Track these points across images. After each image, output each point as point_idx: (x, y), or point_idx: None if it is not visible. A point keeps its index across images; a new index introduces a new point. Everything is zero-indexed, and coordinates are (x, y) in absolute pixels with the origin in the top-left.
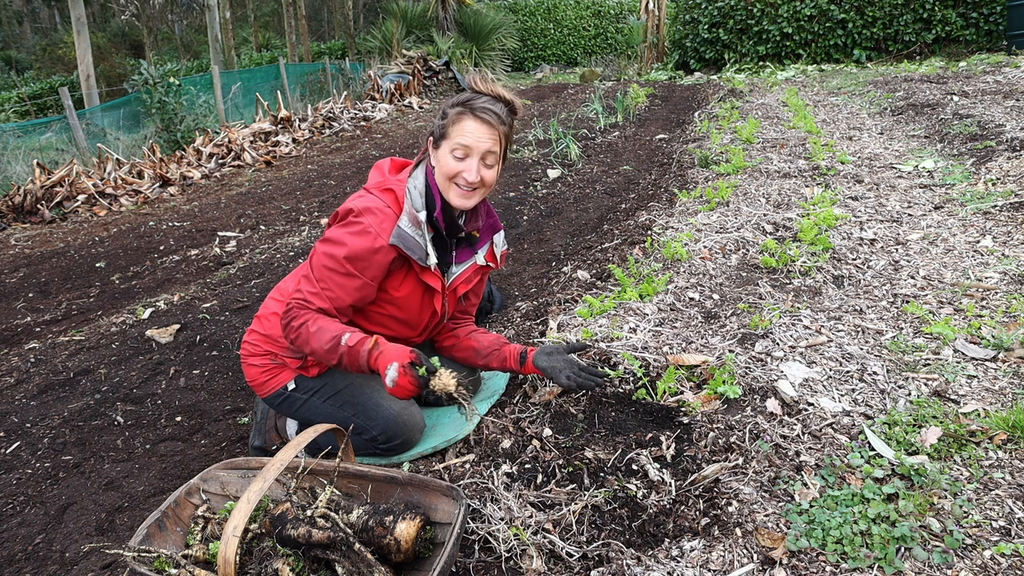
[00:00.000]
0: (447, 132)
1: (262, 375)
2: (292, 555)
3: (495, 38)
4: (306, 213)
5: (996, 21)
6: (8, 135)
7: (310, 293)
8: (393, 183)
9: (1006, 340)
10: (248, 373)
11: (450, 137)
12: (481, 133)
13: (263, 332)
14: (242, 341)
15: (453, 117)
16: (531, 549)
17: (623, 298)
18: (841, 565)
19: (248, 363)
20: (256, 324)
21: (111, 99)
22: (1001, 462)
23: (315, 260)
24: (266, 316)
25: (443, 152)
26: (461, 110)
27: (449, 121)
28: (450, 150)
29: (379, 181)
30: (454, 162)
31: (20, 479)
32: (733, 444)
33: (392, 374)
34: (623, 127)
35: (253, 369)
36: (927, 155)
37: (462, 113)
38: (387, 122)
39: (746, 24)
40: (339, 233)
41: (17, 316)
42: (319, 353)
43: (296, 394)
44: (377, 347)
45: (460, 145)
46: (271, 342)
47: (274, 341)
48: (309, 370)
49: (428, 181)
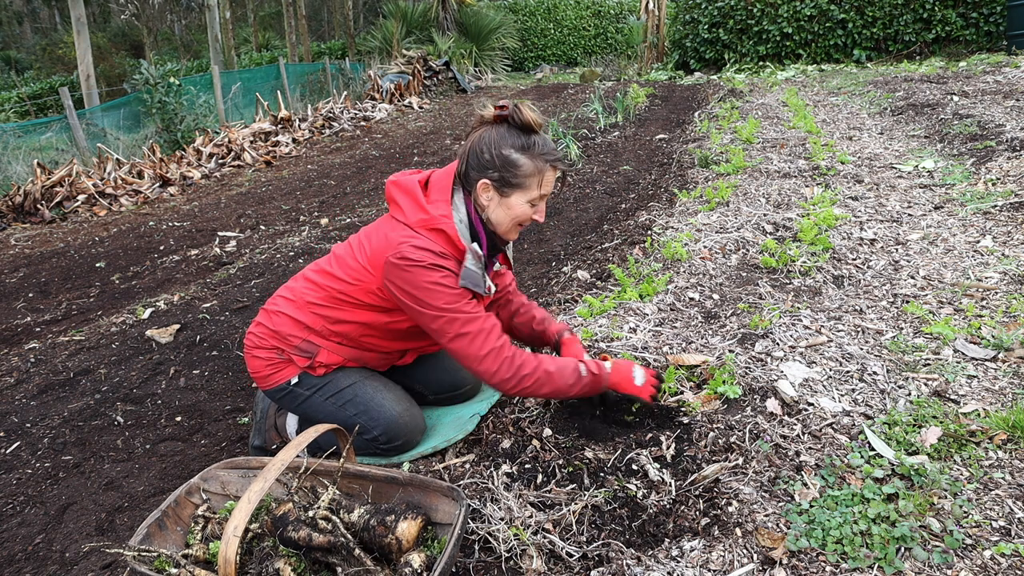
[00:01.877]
0: (524, 184)
1: (266, 368)
2: (294, 555)
3: (495, 38)
4: (306, 213)
5: (996, 21)
6: (8, 135)
7: (481, 342)
8: (441, 222)
9: (1006, 340)
10: (252, 365)
11: (527, 188)
12: (556, 181)
13: (271, 327)
14: (247, 332)
15: (532, 169)
16: (531, 549)
17: (623, 298)
18: (841, 565)
19: (253, 355)
20: (264, 318)
21: (111, 99)
22: (1001, 462)
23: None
24: (275, 312)
25: (515, 201)
26: (542, 164)
27: (526, 172)
28: (527, 200)
29: (423, 219)
30: (529, 209)
31: (20, 479)
32: (733, 444)
33: (641, 372)
34: (623, 127)
35: (257, 361)
36: (927, 155)
37: (543, 168)
38: (387, 122)
39: (746, 24)
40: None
41: (17, 316)
42: (560, 388)
43: (298, 390)
44: (608, 368)
45: (541, 196)
46: (279, 338)
47: (282, 338)
48: (316, 370)
49: (470, 216)
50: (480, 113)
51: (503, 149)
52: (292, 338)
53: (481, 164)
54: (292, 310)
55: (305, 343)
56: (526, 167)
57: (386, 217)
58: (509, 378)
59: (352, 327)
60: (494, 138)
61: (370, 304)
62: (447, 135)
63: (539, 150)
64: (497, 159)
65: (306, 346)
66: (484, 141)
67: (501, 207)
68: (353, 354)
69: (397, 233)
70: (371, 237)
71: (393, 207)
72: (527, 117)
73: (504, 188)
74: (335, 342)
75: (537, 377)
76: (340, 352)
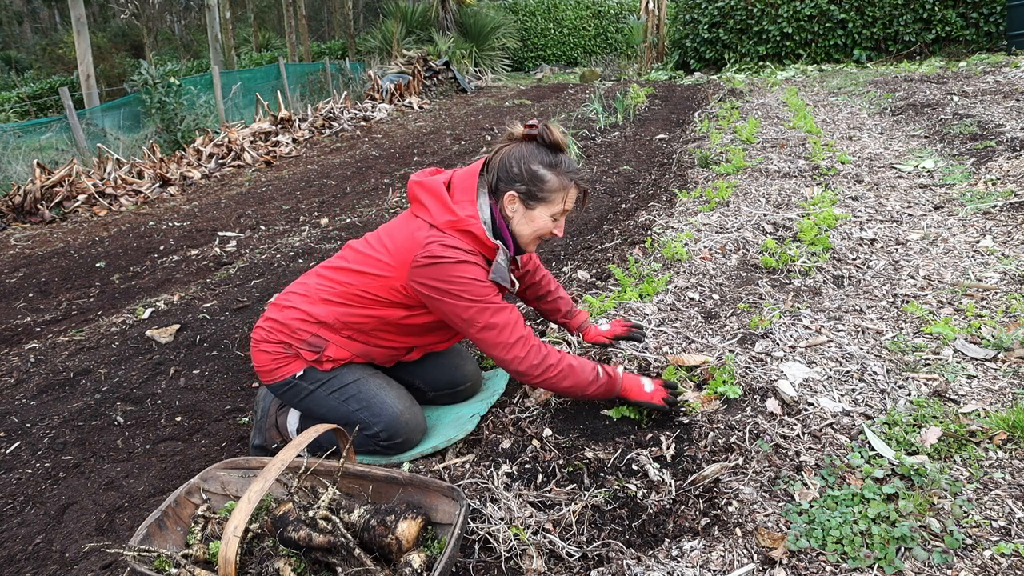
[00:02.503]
0: (549, 199)
1: (273, 362)
2: (294, 555)
3: (495, 38)
4: (306, 213)
5: (996, 21)
6: (8, 135)
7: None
8: (468, 223)
9: (1006, 340)
10: (257, 359)
11: (552, 203)
12: (578, 199)
13: (281, 320)
14: (255, 327)
15: (557, 185)
16: (531, 549)
17: (623, 298)
18: (841, 565)
19: (259, 348)
20: (274, 312)
21: (111, 99)
22: (1001, 462)
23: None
24: (287, 306)
25: (539, 215)
26: (567, 182)
27: (551, 188)
28: (550, 214)
29: (451, 220)
30: (551, 223)
31: (20, 479)
32: (733, 444)
33: (648, 381)
34: (623, 127)
35: (264, 355)
36: (927, 155)
37: (568, 185)
38: (387, 122)
39: (746, 24)
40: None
41: (17, 316)
42: (580, 384)
43: (302, 383)
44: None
45: (564, 211)
46: (288, 332)
47: (292, 332)
48: (323, 364)
49: (493, 213)
50: (510, 130)
51: (532, 164)
52: (302, 332)
53: (510, 177)
54: (305, 304)
55: (314, 337)
56: (552, 183)
57: (407, 215)
58: (536, 365)
59: (368, 321)
60: (524, 154)
61: (391, 301)
62: (447, 135)
63: (565, 168)
64: (526, 173)
65: (315, 340)
66: (514, 156)
67: (525, 219)
68: (362, 349)
69: (423, 233)
70: (393, 235)
71: (416, 206)
72: (555, 137)
73: (530, 201)
74: (346, 336)
75: (561, 369)
76: (349, 347)
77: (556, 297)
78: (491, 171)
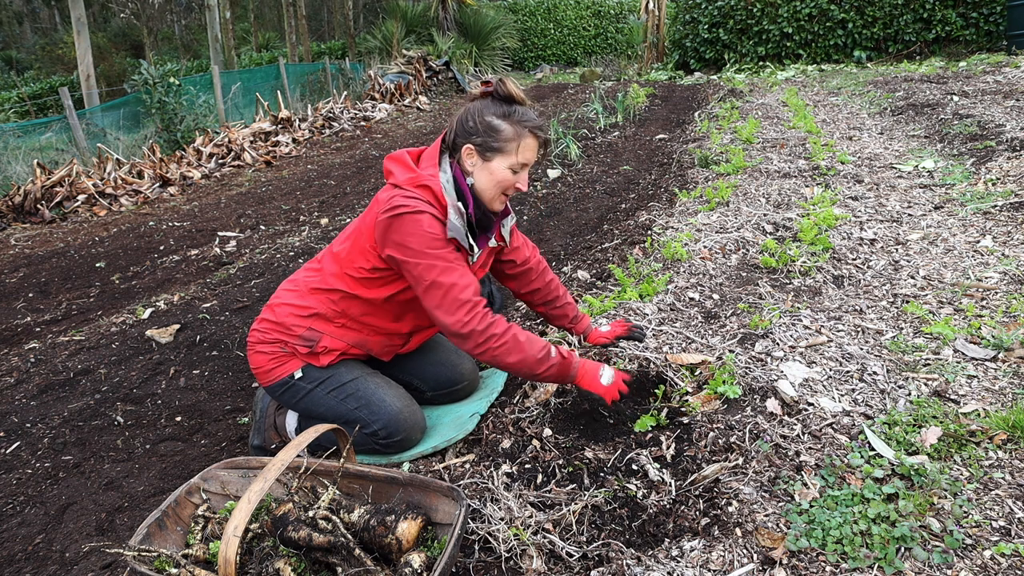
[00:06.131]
0: (504, 148)
1: (270, 362)
2: (294, 555)
3: (495, 38)
4: (306, 213)
5: (996, 21)
6: (8, 135)
7: (457, 291)
8: (427, 179)
9: (1006, 340)
10: (254, 361)
11: (508, 153)
12: (537, 149)
13: (275, 319)
14: (250, 330)
15: (511, 134)
16: (531, 549)
17: (623, 298)
18: (841, 565)
19: (256, 350)
20: (268, 313)
21: (111, 99)
22: (1001, 462)
23: (417, 271)
24: (279, 304)
25: (497, 166)
26: (520, 129)
27: (506, 137)
28: (508, 165)
29: (411, 177)
30: (511, 176)
31: (20, 479)
32: (733, 444)
33: (609, 372)
34: (623, 127)
35: (261, 356)
36: (927, 155)
37: (522, 132)
38: (387, 122)
39: (746, 24)
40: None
41: (17, 316)
42: (528, 361)
43: (301, 383)
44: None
45: (521, 163)
46: (283, 330)
47: (286, 329)
48: (319, 359)
49: (456, 177)
50: (471, 91)
51: (485, 116)
52: (296, 327)
53: (466, 131)
54: (295, 298)
55: (309, 331)
56: (506, 132)
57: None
58: (480, 332)
59: (353, 304)
60: (478, 107)
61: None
62: None
63: (519, 117)
64: (480, 125)
65: (309, 334)
66: (470, 111)
67: (484, 171)
68: (357, 338)
69: (387, 193)
70: (366, 212)
71: (387, 176)
72: (509, 89)
73: (486, 152)
74: (339, 326)
75: (505, 340)
76: (344, 337)
77: (565, 303)
78: (450, 130)
